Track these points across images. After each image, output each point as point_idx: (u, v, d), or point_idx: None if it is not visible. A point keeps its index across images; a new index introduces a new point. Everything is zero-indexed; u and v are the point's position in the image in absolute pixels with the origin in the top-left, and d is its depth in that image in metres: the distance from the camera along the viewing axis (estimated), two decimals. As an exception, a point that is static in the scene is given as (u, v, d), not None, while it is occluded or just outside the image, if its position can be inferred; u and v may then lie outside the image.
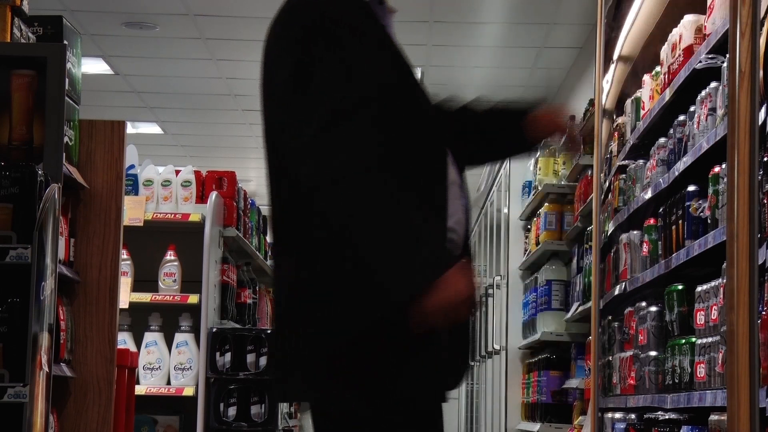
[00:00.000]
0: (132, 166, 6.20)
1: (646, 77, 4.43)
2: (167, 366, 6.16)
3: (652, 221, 4.22)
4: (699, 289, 3.53)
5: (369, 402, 2.37)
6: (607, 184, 5.01)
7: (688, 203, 3.72)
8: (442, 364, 2.41)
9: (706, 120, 3.60)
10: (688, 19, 3.91)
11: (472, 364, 2.41)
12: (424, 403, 2.43)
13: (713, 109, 3.57)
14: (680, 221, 3.81)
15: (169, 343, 6.21)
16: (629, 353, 4.35)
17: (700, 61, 3.64)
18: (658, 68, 4.30)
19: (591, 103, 6.15)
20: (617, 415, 4.53)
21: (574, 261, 6.52)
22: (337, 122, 2.32)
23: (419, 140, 2.46)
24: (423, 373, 2.38)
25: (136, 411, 4.89)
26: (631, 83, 4.85)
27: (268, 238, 8.10)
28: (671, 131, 4.05)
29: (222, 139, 12.53)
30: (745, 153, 2.98)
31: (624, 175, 4.69)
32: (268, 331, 6.25)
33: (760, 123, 2.99)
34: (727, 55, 3.16)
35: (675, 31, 4.04)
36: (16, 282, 3.46)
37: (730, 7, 3.11)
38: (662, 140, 4.16)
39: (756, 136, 2.98)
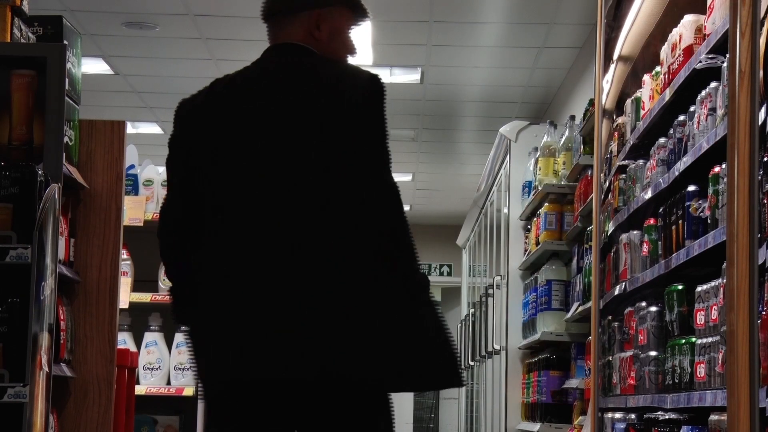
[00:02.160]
0: (132, 166, 6.20)
1: (646, 77, 4.43)
2: (167, 366, 6.16)
3: (652, 221, 4.22)
4: (699, 289, 3.53)
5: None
6: (607, 184, 5.01)
7: (688, 203, 3.73)
8: None
9: (706, 120, 3.61)
10: (688, 19, 3.91)
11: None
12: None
13: (713, 109, 3.57)
14: (680, 221, 3.81)
15: (169, 343, 6.21)
16: (629, 353, 4.35)
17: (700, 61, 3.64)
18: (658, 68, 4.30)
19: (591, 103, 6.15)
20: (617, 415, 4.53)
21: (574, 261, 6.52)
22: None
23: None
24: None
25: (136, 411, 4.89)
26: (631, 83, 4.85)
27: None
28: (671, 131, 4.05)
29: (222, 139, 12.51)
30: (745, 153, 2.98)
31: (624, 175, 4.69)
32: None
33: (760, 123, 2.99)
34: (727, 55, 3.17)
35: (675, 31, 4.04)
36: (16, 282, 3.47)
37: (730, 7, 3.11)
38: (662, 140, 4.16)
39: (756, 136, 2.99)
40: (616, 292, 4.65)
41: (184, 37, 8.93)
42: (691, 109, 3.79)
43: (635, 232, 4.45)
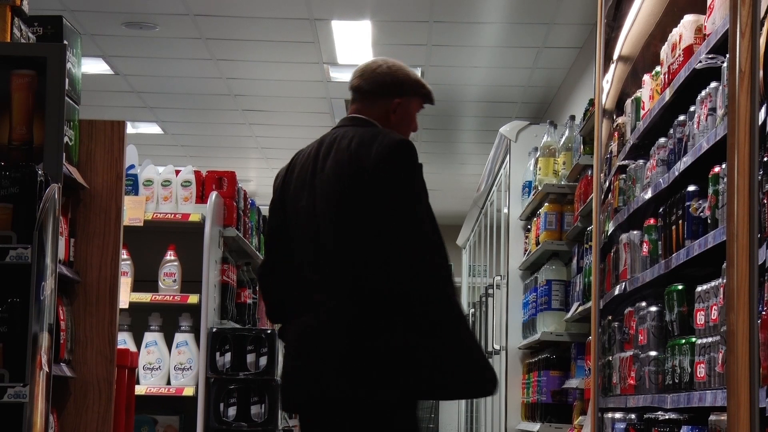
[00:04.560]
0: (132, 166, 6.20)
1: (646, 77, 4.43)
2: (167, 366, 6.16)
3: (652, 221, 4.22)
4: (699, 289, 3.53)
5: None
6: (607, 184, 5.01)
7: (688, 203, 3.73)
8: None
9: (706, 120, 3.61)
10: (688, 19, 3.91)
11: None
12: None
13: (713, 109, 3.57)
14: (680, 221, 3.81)
15: (169, 343, 6.20)
16: (629, 353, 4.35)
17: (700, 61, 3.64)
18: (658, 68, 4.30)
19: (591, 103, 6.15)
20: (617, 415, 4.53)
21: (574, 261, 6.52)
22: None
23: None
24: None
25: (136, 411, 4.89)
26: (631, 83, 4.85)
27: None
28: (671, 131, 4.05)
29: (222, 139, 12.53)
30: (745, 153, 2.98)
31: (624, 175, 4.69)
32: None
33: (760, 123, 2.99)
34: (727, 55, 3.17)
35: (675, 31, 4.04)
36: (16, 282, 3.46)
37: (730, 7, 3.11)
38: (662, 140, 4.16)
39: (756, 136, 2.99)
40: (616, 292, 4.64)
41: (184, 37, 8.94)
42: (691, 109, 3.79)
43: (635, 232, 4.45)
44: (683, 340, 3.65)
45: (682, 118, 3.92)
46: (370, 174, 3.48)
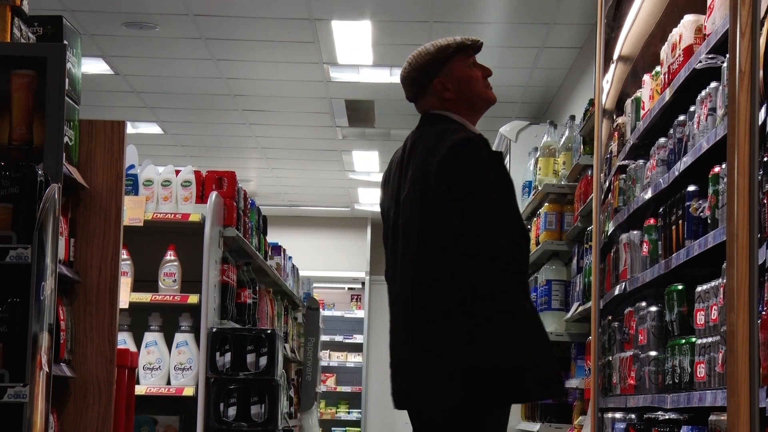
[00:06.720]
0: (132, 166, 6.19)
1: (646, 77, 4.43)
2: (167, 366, 6.16)
3: (652, 221, 4.22)
4: (699, 289, 3.53)
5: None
6: (607, 184, 5.01)
7: (688, 203, 3.73)
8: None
9: (706, 120, 3.61)
10: (688, 19, 3.91)
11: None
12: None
13: (713, 109, 3.57)
14: (680, 221, 3.81)
15: (169, 343, 6.20)
16: (629, 353, 4.35)
17: (700, 61, 3.64)
18: (658, 68, 4.30)
19: (591, 103, 6.16)
20: (617, 415, 4.53)
21: (574, 261, 6.52)
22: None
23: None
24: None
25: (136, 411, 4.89)
26: (631, 83, 4.85)
27: (269, 239, 8.10)
28: (671, 131, 4.06)
29: (222, 139, 12.53)
30: (745, 153, 2.98)
31: (624, 175, 4.69)
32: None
33: (760, 123, 2.99)
34: (727, 55, 3.17)
35: (675, 31, 4.04)
36: (16, 282, 3.46)
37: (730, 7, 3.11)
38: (662, 140, 4.16)
39: (756, 136, 2.99)
40: (616, 292, 4.65)
41: (184, 37, 8.93)
42: (691, 109, 3.79)
43: (635, 232, 4.45)
44: (683, 340, 3.65)
45: (682, 118, 3.92)
46: (432, 187, 3.45)
